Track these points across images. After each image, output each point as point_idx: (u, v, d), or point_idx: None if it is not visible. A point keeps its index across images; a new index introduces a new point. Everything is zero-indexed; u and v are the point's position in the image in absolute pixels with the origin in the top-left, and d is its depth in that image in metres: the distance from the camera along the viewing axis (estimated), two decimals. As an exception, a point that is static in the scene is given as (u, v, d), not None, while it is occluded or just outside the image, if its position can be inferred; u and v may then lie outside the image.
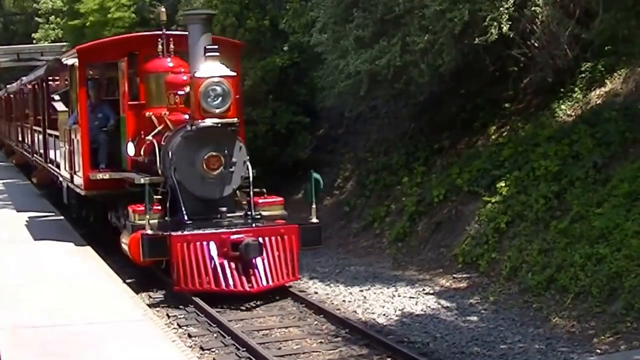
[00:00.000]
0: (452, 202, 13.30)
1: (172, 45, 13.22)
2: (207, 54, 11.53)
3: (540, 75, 13.53)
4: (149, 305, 10.49)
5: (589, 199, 10.86)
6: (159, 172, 12.06)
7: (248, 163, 11.92)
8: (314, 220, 11.73)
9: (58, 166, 16.79)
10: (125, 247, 11.68)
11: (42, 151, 20.06)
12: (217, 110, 11.44)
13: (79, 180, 14.08)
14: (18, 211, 17.61)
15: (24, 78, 25.76)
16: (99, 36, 22.82)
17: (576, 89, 12.94)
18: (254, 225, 11.54)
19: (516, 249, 11.28)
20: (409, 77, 13.44)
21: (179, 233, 10.95)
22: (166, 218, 11.50)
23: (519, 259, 11.08)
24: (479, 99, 14.64)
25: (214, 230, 11.14)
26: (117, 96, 14.06)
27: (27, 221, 16.15)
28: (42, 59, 29.94)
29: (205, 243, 10.92)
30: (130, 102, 13.31)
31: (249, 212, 11.78)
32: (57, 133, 16.93)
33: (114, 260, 12.70)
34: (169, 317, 10.48)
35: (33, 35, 41.23)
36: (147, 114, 13.07)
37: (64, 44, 31.27)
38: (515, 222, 11.70)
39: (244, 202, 12.07)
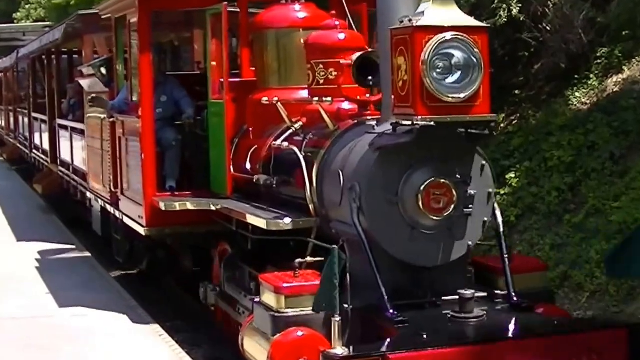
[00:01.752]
0: (459, 193, 12.94)
1: None
2: None
3: (553, 60, 13.06)
4: None
5: (606, 191, 10.47)
6: (311, 208, 6.86)
7: (494, 198, 6.48)
8: None
9: (80, 174, 12.36)
10: None
11: (47, 147, 16.03)
12: (454, 97, 5.70)
13: (134, 208, 9.13)
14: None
15: (21, 50, 21.77)
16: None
17: (591, 75, 12.52)
18: (527, 323, 5.87)
19: (527, 244, 10.91)
20: (415, 62, 13.08)
21: (404, 353, 5.18)
22: (346, 306, 5.63)
23: (531, 255, 10.65)
24: (488, 86, 14.30)
25: (465, 343, 5.45)
26: (194, 69, 9.81)
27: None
28: (24, 39, 29.00)
29: None
30: (229, 80, 8.24)
31: (500, 292, 6.39)
32: (76, 125, 12.71)
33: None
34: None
35: (14, 15, 40.83)
36: (263, 99, 7.76)
37: (47, 23, 30.65)
38: (526, 216, 11.35)
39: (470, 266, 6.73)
